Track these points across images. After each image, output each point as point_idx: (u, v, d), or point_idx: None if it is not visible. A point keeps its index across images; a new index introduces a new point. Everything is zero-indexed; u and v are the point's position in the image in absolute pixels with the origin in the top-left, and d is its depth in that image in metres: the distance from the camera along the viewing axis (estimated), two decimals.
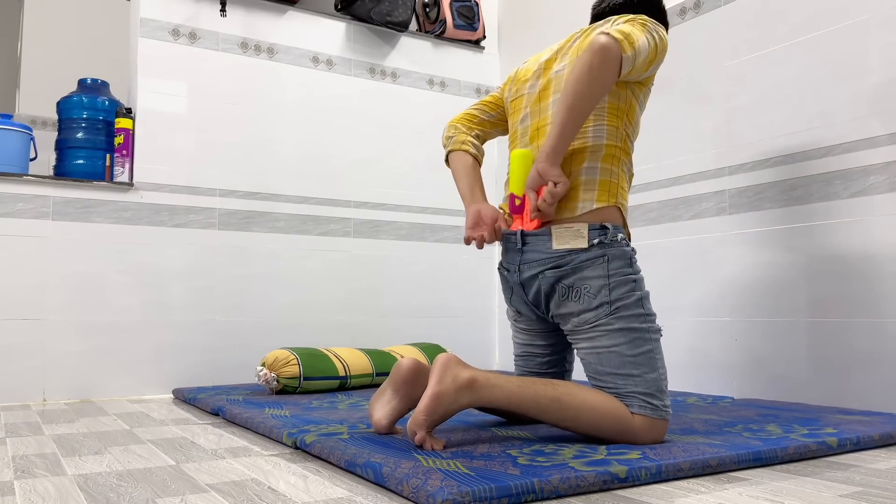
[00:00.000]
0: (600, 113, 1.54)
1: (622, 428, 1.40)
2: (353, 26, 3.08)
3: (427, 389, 1.36)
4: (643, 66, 1.48)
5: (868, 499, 1.08)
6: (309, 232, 2.90)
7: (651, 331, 1.46)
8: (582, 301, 1.46)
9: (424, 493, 1.03)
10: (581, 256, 1.47)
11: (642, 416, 1.39)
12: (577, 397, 1.41)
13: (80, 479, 1.25)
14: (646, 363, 1.42)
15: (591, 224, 1.47)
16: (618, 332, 1.43)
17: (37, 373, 2.38)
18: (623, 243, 1.48)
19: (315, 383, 2.35)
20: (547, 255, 1.50)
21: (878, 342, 1.88)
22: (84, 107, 2.62)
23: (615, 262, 1.46)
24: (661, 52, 1.52)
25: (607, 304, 1.44)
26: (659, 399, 1.41)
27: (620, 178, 1.54)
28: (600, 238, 1.46)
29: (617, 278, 1.45)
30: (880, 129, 1.91)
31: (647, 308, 1.47)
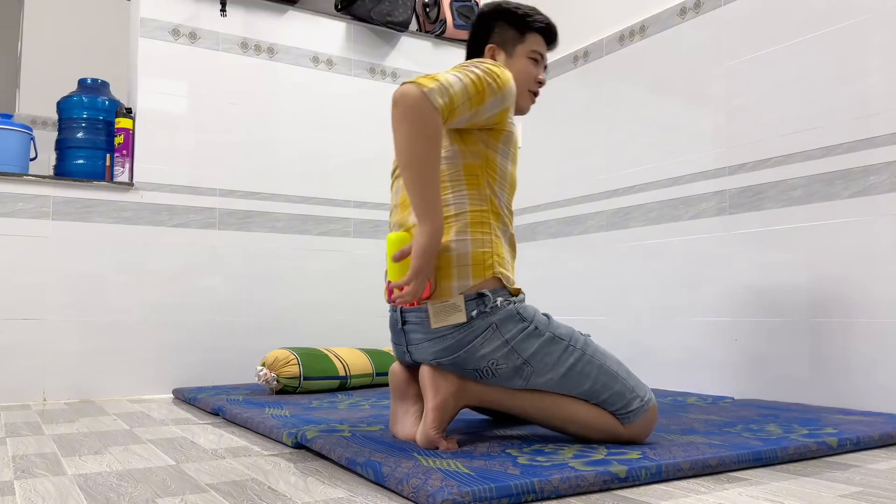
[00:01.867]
0: (457, 178, 1.42)
1: (614, 437, 1.41)
2: (354, 26, 3.08)
3: (427, 404, 1.38)
4: (467, 103, 1.34)
5: (868, 499, 1.08)
6: (309, 232, 2.90)
7: (584, 350, 1.40)
8: (501, 376, 1.40)
9: (424, 493, 1.03)
10: (468, 336, 1.37)
11: (631, 425, 1.40)
12: (564, 409, 1.41)
13: (80, 479, 1.25)
14: (603, 378, 1.39)
15: (467, 295, 1.37)
16: (556, 375, 1.39)
17: (37, 373, 2.38)
18: (504, 304, 1.38)
19: (315, 383, 2.35)
20: (430, 336, 1.40)
21: (878, 342, 1.88)
22: (84, 107, 2.62)
23: (506, 325, 1.37)
24: (489, 86, 1.37)
25: (526, 364, 1.38)
26: (636, 399, 1.40)
27: (495, 244, 1.42)
28: (478, 308, 1.37)
29: (517, 338, 1.38)
30: (880, 129, 1.91)
31: (562, 335, 1.40)
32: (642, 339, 2.55)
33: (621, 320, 2.64)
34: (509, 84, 1.42)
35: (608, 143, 2.75)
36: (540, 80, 1.62)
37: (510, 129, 1.47)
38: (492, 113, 1.40)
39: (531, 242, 3.10)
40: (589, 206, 2.82)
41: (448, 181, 1.43)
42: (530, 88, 1.61)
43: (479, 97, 1.36)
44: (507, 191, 1.48)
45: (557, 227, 2.96)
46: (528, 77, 1.60)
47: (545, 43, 1.63)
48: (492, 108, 1.40)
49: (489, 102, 1.38)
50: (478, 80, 1.37)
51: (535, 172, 3.13)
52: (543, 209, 3.05)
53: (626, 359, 2.60)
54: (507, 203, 1.48)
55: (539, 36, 1.61)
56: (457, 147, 1.44)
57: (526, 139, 3.20)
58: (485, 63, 1.41)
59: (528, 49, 1.59)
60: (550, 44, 1.65)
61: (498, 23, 1.60)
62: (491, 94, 1.38)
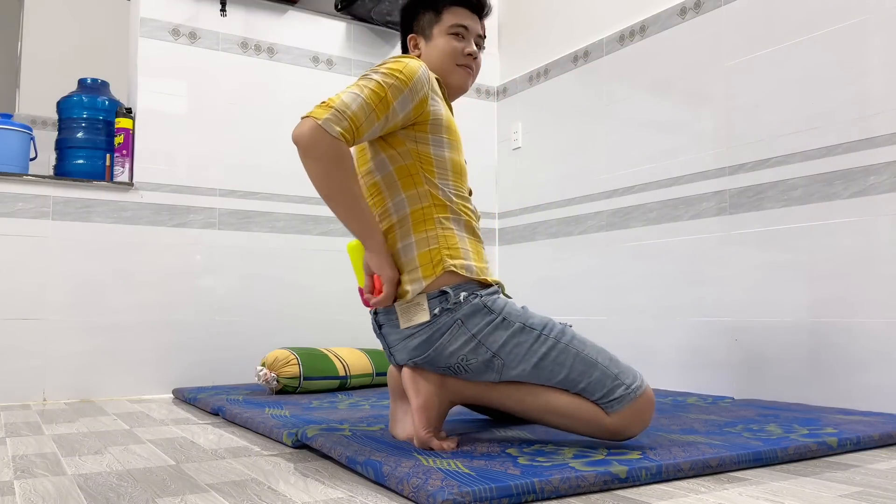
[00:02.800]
0: (391, 184, 1.44)
1: (598, 430, 1.36)
2: (354, 26, 3.08)
3: (412, 406, 1.39)
4: (373, 115, 1.35)
5: (868, 499, 1.08)
6: (309, 232, 2.90)
7: (559, 338, 1.38)
8: (473, 372, 1.40)
9: (425, 492, 1.03)
10: (434, 334, 1.38)
11: (616, 413, 1.34)
12: (541, 399, 1.38)
13: (80, 479, 1.25)
14: (580, 366, 1.35)
15: (429, 294, 1.39)
16: (528, 366, 1.37)
17: (37, 373, 2.38)
18: (470, 299, 1.38)
19: (315, 383, 2.35)
20: (402, 336, 1.42)
21: (878, 342, 1.88)
22: (84, 107, 2.62)
23: (472, 319, 1.38)
24: (392, 87, 1.37)
25: (495, 356, 1.37)
26: (620, 387, 1.34)
27: (443, 238, 1.42)
28: (441, 305, 1.38)
29: (484, 332, 1.37)
30: (880, 129, 1.91)
31: (534, 324, 1.39)
32: (642, 339, 2.55)
33: (621, 320, 2.64)
34: (416, 75, 1.41)
35: (608, 143, 2.75)
36: (469, 53, 1.57)
37: (437, 116, 1.45)
38: (406, 110, 1.40)
39: (531, 242, 3.10)
40: (589, 206, 2.81)
41: (384, 191, 1.46)
42: (458, 63, 1.57)
43: (384, 104, 1.36)
44: (451, 178, 1.47)
45: (557, 227, 2.96)
46: (452, 53, 1.56)
47: (469, 13, 1.59)
48: (403, 106, 1.39)
49: (398, 103, 1.38)
50: (378, 88, 1.36)
51: (535, 172, 3.12)
52: (543, 209, 3.05)
53: (627, 359, 2.60)
54: (455, 190, 1.47)
55: (457, 8, 1.58)
56: (384, 155, 1.46)
57: (526, 139, 3.20)
58: (385, 64, 1.41)
59: (445, 26, 1.57)
60: (475, 11, 1.60)
61: (416, 12, 1.61)
62: (396, 94, 1.38)
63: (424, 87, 1.42)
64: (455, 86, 1.59)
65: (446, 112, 1.49)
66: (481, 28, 1.63)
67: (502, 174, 3.34)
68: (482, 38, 1.63)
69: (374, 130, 1.38)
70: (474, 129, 3.30)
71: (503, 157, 3.34)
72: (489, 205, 3.33)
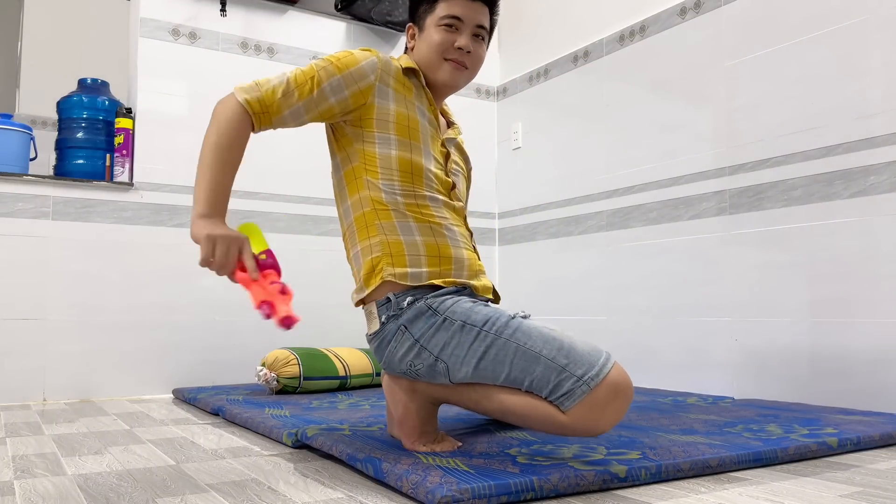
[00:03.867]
0: (341, 191, 1.45)
1: (559, 429, 1.24)
2: (354, 26, 3.08)
3: (394, 417, 1.40)
4: (293, 93, 1.34)
5: (868, 499, 1.08)
6: (309, 232, 2.90)
7: (500, 333, 1.28)
8: (424, 377, 1.35)
9: (424, 489, 1.03)
10: (383, 342, 1.38)
11: (570, 411, 1.21)
12: (494, 401, 1.30)
13: (80, 479, 1.25)
14: (521, 362, 1.25)
15: (378, 301, 1.38)
16: (470, 368, 1.29)
17: (37, 373, 2.38)
18: (415, 303, 1.35)
19: (315, 383, 2.35)
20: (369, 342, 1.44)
21: (878, 342, 1.88)
22: (84, 107, 2.62)
23: (416, 324, 1.34)
24: (322, 69, 1.35)
25: (438, 360, 1.32)
26: (569, 380, 1.20)
27: (387, 245, 1.38)
28: (387, 313, 1.37)
29: (426, 335, 1.33)
30: (880, 129, 1.90)
31: (475, 321, 1.30)
32: (643, 339, 2.55)
33: (621, 320, 2.64)
34: (358, 63, 1.38)
35: (608, 143, 2.75)
36: (459, 46, 1.45)
37: (384, 110, 1.39)
38: (341, 96, 1.36)
39: (531, 242, 3.10)
40: (589, 206, 2.81)
41: (337, 196, 1.48)
42: (446, 56, 1.45)
43: (310, 84, 1.35)
44: (399, 178, 1.39)
45: (557, 227, 2.96)
46: (440, 46, 1.45)
47: (467, 1, 1.45)
48: (336, 91, 1.36)
49: (328, 86, 1.35)
50: (307, 69, 1.36)
51: (535, 172, 3.13)
52: (543, 209, 3.05)
53: (627, 359, 2.60)
54: (405, 190, 1.39)
55: (451, 0, 1.45)
56: (338, 158, 1.45)
57: (527, 138, 3.20)
58: (329, 55, 1.40)
59: (437, 18, 1.45)
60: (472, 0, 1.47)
61: (416, 3, 1.52)
62: (326, 77, 1.35)
63: (368, 77, 1.38)
64: (442, 82, 1.48)
65: (399, 108, 1.42)
66: (486, 16, 1.49)
67: (502, 174, 3.34)
68: (483, 28, 1.48)
69: (296, 110, 1.36)
70: (474, 129, 3.29)
71: (503, 157, 3.34)
72: (489, 205, 3.33)
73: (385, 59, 1.44)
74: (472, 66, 1.49)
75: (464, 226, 1.50)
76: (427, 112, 1.48)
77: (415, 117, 1.44)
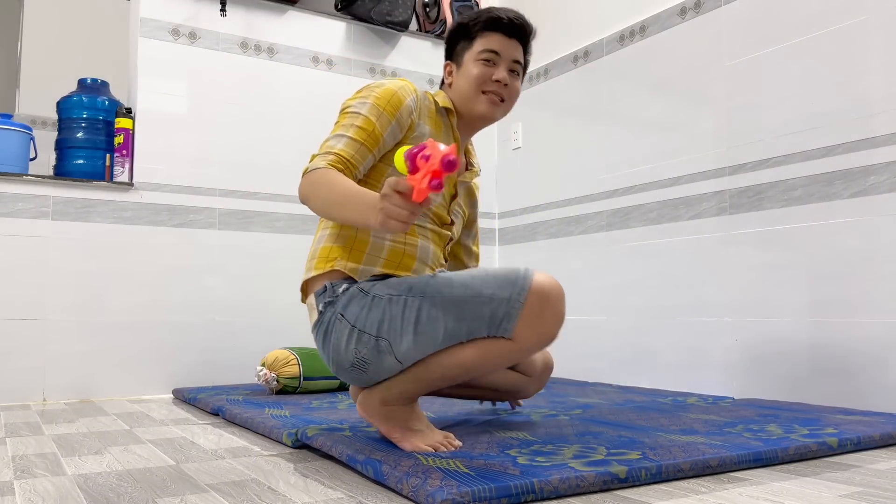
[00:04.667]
0: None
1: (519, 357, 1.30)
2: (353, 26, 3.08)
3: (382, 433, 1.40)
4: (359, 147, 1.38)
5: (868, 499, 1.08)
6: (309, 232, 2.89)
7: (424, 292, 1.31)
8: (372, 363, 1.36)
9: (424, 492, 1.03)
10: (326, 335, 1.40)
11: (515, 332, 1.25)
12: (452, 366, 1.32)
13: (80, 479, 1.25)
14: (452, 311, 1.28)
15: (316, 292, 1.42)
16: (410, 338, 1.31)
17: (37, 373, 2.38)
18: (347, 289, 1.38)
19: (315, 383, 2.35)
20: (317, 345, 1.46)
21: (878, 342, 1.88)
22: (84, 107, 2.62)
23: (350, 308, 1.37)
24: (381, 115, 1.39)
25: (379, 339, 1.34)
26: (501, 305, 1.25)
27: (358, 241, 1.42)
28: (324, 301, 1.40)
29: (360, 317, 1.35)
30: (880, 129, 1.90)
31: (400, 291, 1.33)
32: (642, 339, 2.55)
33: (621, 320, 2.64)
34: (403, 106, 1.42)
35: (608, 143, 2.75)
36: (497, 79, 1.50)
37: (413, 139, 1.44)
38: (394, 139, 1.42)
39: (531, 242, 3.10)
40: (589, 206, 2.81)
41: None
42: (484, 89, 1.50)
43: (371, 139, 1.39)
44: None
45: (557, 227, 2.96)
46: (478, 79, 1.50)
47: (503, 36, 1.52)
48: (392, 137, 1.42)
49: (388, 136, 1.41)
50: (363, 126, 1.38)
51: (535, 172, 3.12)
52: (543, 209, 3.05)
53: (627, 359, 2.60)
54: None
55: (489, 34, 1.51)
56: None
57: (527, 138, 3.20)
58: (373, 93, 1.42)
59: (475, 53, 1.51)
60: (510, 35, 1.52)
61: (454, 41, 1.57)
62: (384, 129, 1.40)
63: (412, 114, 1.45)
64: (479, 114, 1.52)
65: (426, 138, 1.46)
66: (520, 53, 1.56)
67: (502, 174, 3.34)
68: (519, 63, 1.55)
69: (368, 161, 1.40)
70: None
71: (503, 157, 3.34)
72: (489, 205, 3.33)
73: (422, 94, 1.50)
74: (508, 99, 1.54)
75: (441, 249, 1.53)
76: None
77: None
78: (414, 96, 1.46)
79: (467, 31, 1.54)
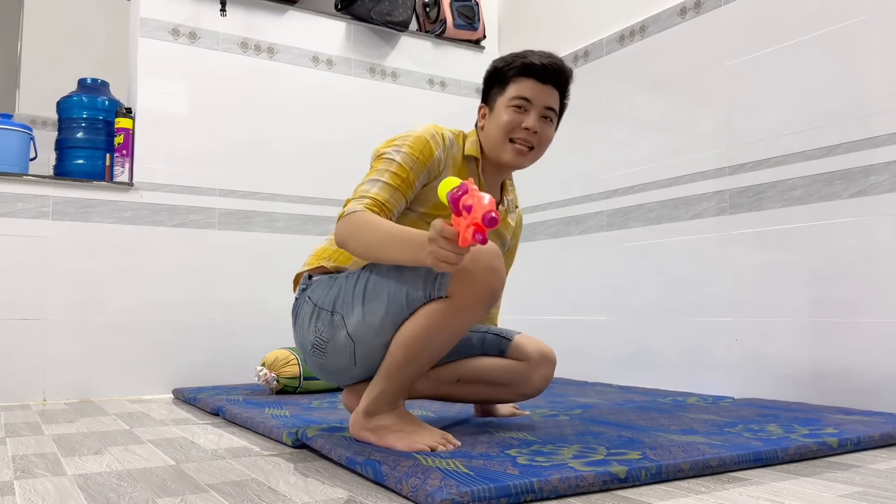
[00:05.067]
0: None
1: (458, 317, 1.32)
2: (353, 26, 3.08)
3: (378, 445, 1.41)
4: (397, 195, 1.40)
5: (868, 499, 1.08)
6: (309, 232, 2.89)
7: (374, 269, 1.39)
8: (330, 341, 1.43)
9: (423, 492, 1.03)
10: (296, 318, 1.51)
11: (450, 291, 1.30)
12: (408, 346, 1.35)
13: (80, 479, 1.25)
14: (393, 275, 1.35)
15: (300, 285, 1.53)
16: (361, 308, 1.38)
17: (37, 373, 2.38)
18: (320, 277, 1.50)
19: (315, 383, 2.35)
20: None
21: (878, 342, 1.88)
22: (84, 107, 2.62)
23: (315, 290, 1.47)
24: (413, 165, 1.42)
25: (334, 312, 1.41)
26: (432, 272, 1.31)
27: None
28: (300, 289, 1.52)
29: (322, 294, 1.44)
30: (880, 129, 1.90)
31: (356, 269, 1.44)
32: (642, 339, 2.55)
33: (621, 320, 2.64)
34: (433, 157, 1.45)
35: (608, 143, 2.75)
36: (526, 127, 1.50)
37: (432, 191, 1.46)
38: (422, 184, 1.46)
39: (531, 242, 3.10)
40: (589, 206, 2.81)
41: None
42: (512, 137, 1.51)
43: (405, 186, 1.41)
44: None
45: (557, 227, 2.96)
46: (507, 125, 1.50)
47: (536, 82, 1.50)
48: (421, 183, 1.45)
49: (418, 184, 1.44)
50: (398, 172, 1.41)
51: (535, 172, 3.12)
52: (543, 209, 3.05)
53: (627, 358, 2.60)
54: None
55: (521, 79, 1.50)
56: None
57: None
58: (406, 143, 1.43)
59: (507, 99, 1.51)
60: (544, 81, 1.51)
61: (489, 83, 1.57)
62: (416, 178, 1.43)
63: (441, 164, 1.47)
64: (505, 162, 1.53)
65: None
66: (555, 98, 1.54)
67: None
68: (552, 110, 1.53)
69: (402, 205, 1.43)
70: None
71: None
72: None
73: (450, 142, 1.50)
74: (538, 146, 1.54)
75: None
76: None
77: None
78: (442, 147, 1.48)
79: (501, 76, 1.54)
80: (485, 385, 1.61)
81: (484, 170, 1.57)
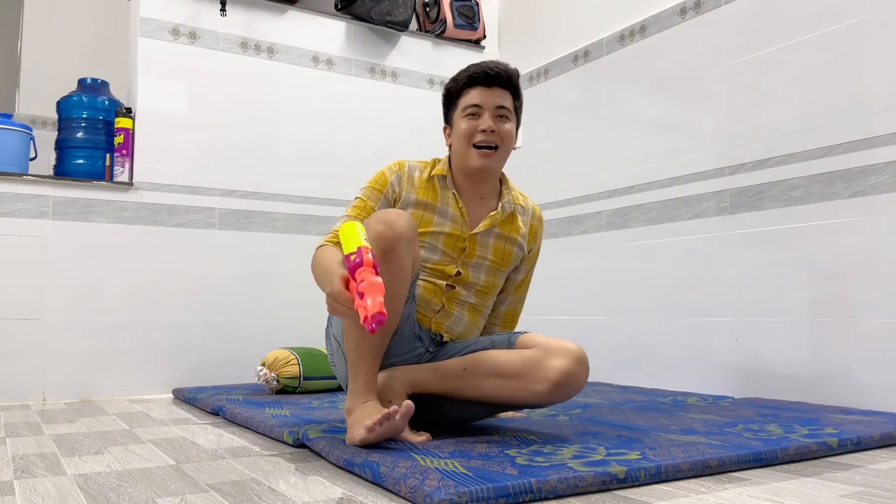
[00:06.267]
0: None
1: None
2: (353, 26, 3.08)
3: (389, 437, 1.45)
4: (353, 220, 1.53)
5: (868, 499, 1.08)
6: (309, 232, 2.89)
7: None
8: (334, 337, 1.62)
9: (422, 492, 1.03)
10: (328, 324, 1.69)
11: None
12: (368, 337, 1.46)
13: (80, 479, 1.25)
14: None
15: None
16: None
17: (37, 373, 2.38)
18: None
19: (315, 383, 2.35)
20: None
21: (878, 342, 1.88)
22: (84, 106, 2.62)
23: None
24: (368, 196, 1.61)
25: (330, 316, 1.61)
26: None
27: None
28: None
29: None
30: (880, 129, 1.90)
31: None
32: (643, 339, 2.55)
33: (621, 320, 2.64)
34: (388, 184, 1.62)
35: (608, 143, 2.75)
36: (483, 129, 1.58)
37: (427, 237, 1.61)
38: (393, 204, 1.61)
39: None
40: (589, 206, 2.81)
41: None
42: (473, 143, 1.60)
43: (366, 212, 1.57)
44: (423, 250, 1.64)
45: (557, 227, 2.96)
46: (466, 133, 1.60)
47: (482, 88, 1.60)
48: (386, 205, 1.60)
49: (377, 207, 1.58)
50: (357, 205, 1.60)
51: (535, 172, 3.12)
52: (544, 209, 3.05)
53: (626, 358, 2.60)
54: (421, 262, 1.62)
55: (469, 90, 1.61)
56: None
57: (526, 138, 3.19)
58: (369, 180, 1.63)
59: (460, 111, 1.62)
60: (489, 86, 1.60)
61: (445, 105, 1.69)
62: (375, 204, 1.59)
63: (395, 188, 1.61)
64: (476, 168, 1.61)
65: (417, 210, 1.60)
66: (506, 98, 1.62)
67: None
68: (505, 108, 1.61)
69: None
70: None
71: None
72: None
73: (408, 171, 1.64)
74: (501, 144, 1.62)
75: (437, 298, 1.62)
76: (452, 211, 1.63)
77: (429, 218, 1.61)
78: (398, 174, 1.62)
79: (453, 95, 1.66)
80: (493, 378, 1.49)
81: (458, 185, 1.66)
